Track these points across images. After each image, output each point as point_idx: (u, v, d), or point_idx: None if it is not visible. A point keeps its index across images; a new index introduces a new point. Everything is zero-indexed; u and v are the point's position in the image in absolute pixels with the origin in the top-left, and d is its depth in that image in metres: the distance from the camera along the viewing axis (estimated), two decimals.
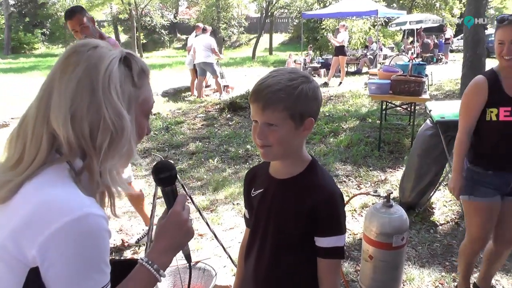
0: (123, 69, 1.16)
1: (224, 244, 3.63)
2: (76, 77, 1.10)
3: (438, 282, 3.64)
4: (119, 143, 1.13)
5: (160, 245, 1.29)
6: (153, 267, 1.23)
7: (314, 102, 1.51)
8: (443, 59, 22.46)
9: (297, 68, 1.58)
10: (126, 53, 1.21)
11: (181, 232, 1.32)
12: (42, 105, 1.12)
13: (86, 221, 1.02)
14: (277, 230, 1.60)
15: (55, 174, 1.09)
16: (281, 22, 44.06)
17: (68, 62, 1.13)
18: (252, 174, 1.82)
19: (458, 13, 26.03)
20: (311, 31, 24.42)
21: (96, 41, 1.19)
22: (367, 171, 6.23)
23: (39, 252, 0.99)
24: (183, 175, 6.35)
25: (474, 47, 9.69)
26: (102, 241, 1.06)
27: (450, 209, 4.91)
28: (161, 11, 42.29)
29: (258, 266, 1.68)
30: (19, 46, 39.62)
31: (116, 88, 1.12)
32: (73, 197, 1.06)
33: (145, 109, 1.25)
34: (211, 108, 10.64)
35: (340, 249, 1.54)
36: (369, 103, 10.73)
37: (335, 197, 1.54)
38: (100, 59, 1.13)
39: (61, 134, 1.08)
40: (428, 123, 4.74)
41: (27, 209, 1.02)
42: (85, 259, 1.03)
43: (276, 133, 1.47)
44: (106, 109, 1.09)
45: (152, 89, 1.30)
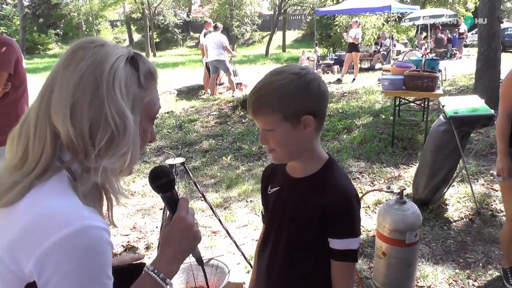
0: (129, 69, 1.11)
1: (237, 241, 3.64)
2: (79, 72, 1.05)
3: (452, 279, 3.62)
4: (120, 143, 1.06)
5: (167, 253, 1.24)
6: (159, 276, 1.18)
7: (306, 98, 1.43)
8: (457, 54, 22.24)
9: (290, 66, 1.52)
10: (133, 52, 1.16)
11: (188, 238, 1.27)
12: (44, 101, 1.07)
13: (86, 233, 0.97)
14: (291, 229, 1.58)
15: (56, 185, 1.03)
16: (294, 19, 43.95)
17: (72, 57, 1.08)
18: (270, 171, 1.78)
19: (472, 7, 25.72)
20: (324, 27, 24.27)
21: (103, 40, 1.15)
22: (381, 167, 6.21)
23: (36, 266, 0.94)
24: (196, 172, 6.38)
25: (489, 41, 9.56)
26: (103, 254, 1.00)
27: (464, 206, 4.88)
28: (174, 10, 42.43)
29: (271, 265, 1.67)
30: (34, 47, 40.04)
31: (121, 87, 1.07)
32: (73, 208, 1.00)
33: (150, 112, 1.19)
34: (224, 105, 10.65)
35: (353, 252, 1.50)
36: (382, 99, 10.68)
37: (350, 198, 1.48)
38: (106, 56, 1.08)
39: (61, 130, 1.04)
40: (442, 119, 4.70)
41: (25, 220, 0.97)
42: (85, 273, 0.97)
43: (275, 137, 1.45)
44: (108, 107, 1.04)
45: (165, 87, 1.25)
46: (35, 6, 43.10)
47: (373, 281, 3.46)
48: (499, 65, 9.74)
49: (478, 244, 4.12)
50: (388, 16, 19.86)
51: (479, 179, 5.60)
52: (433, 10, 21.51)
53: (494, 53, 9.61)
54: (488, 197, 5.05)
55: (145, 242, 4.43)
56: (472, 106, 4.72)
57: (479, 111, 4.59)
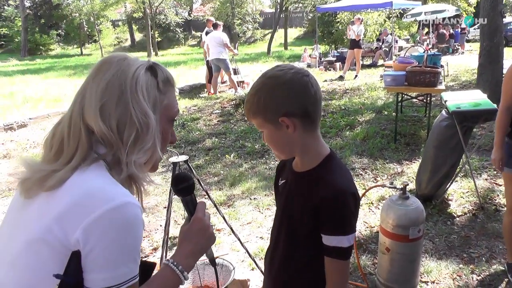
0: (149, 76, 1.27)
1: (241, 239, 3.65)
2: (106, 79, 1.22)
3: (456, 274, 3.62)
4: (144, 139, 1.22)
5: (185, 249, 1.37)
6: (178, 268, 1.30)
7: (279, 100, 1.45)
8: (459, 50, 22.19)
9: (276, 68, 1.52)
10: (152, 62, 1.32)
11: (204, 237, 1.40)
12: (77, 105, 1.23)
13: (126, 209, 1.11)
14: (290, 223, 1.62)
15: (96, 170, 1.17)
16: (295, 16, 43.93)
17: (99, 68, 1.25)
18: (282, 163, 1.81)
19: (474, 2, 25.62)
20: (326, 24, 24.26)
21: (125, 54, 1.31)
22: (384, 163, 6.21)
23: (82, 235, 1.06)
24: (199, 171, 6.39)
25: (491, 36, 9.52)
26: (138, 230, 1.14)
27: (467, 201, 4.88)
28: (175, 9, 42.46)
29: (273, 258, 1.72)
30: (35, 48, 40.13)
31: (142, 90, 1.23)
32: (114, 187, 1.15)
33: (169, 114, 1.34)
34: (226, 104, 10.66)
35: (343, 250, 1.47)
36: (384, 96, 10.67)
37: (343, 195, 1.45)
38: (128, 66, 1.24)
39: (93, 126, 1.19)
40: (444, 114, 4.70)
41: (73, 197, 1.11)
42: (123, 246, 1.11)
43: (267, 138, 1.55)
44: (133, 108, 1.20)
45: None
46: (37, 7, 43.21)
47: (377, 277, 3.46)
48: (501, 59, 9.71)
49: (482, 239, 4.13)
50: (390, 12, 19.81)
51: (483, 174, 5.59)
52: (434, 6, 21.42)
53: (496, 47, 9.57)
54: (491, 192, 5.05)
55: (149, 240, 4.45)
56: (474, 101, 4.71)
57: (482, 105, 4.59)
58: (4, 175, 6.44)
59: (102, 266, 1.08)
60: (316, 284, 1.59)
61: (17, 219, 1.21)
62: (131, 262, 1.13)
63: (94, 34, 41.37)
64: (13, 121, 9.57)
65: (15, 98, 13.15)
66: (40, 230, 1.10)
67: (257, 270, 3.68)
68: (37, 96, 13.06)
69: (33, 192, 1.17)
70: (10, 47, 40.75)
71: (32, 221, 1.14)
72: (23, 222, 1.17)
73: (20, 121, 9.61)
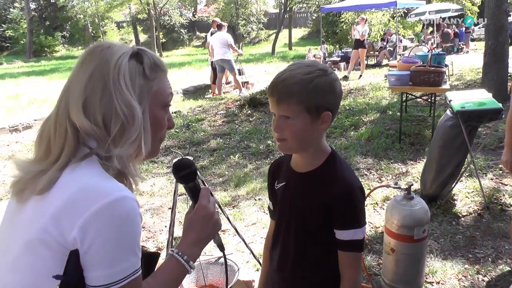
0: (134, 63, 1.22)
1: (246, 239, 3.65)
2: (88, 72, 1.18)
3: (461, 274, 3.61)
4: (130, 131, 1.17)
5: (189, 238, 1.34)
6: (183, 258, 1.29)
7: (331, 95, 1.49)
8: (464, 49, 22.12)
9: (316, 61, 1.56)
10: (137, 48, 1.27)
11: (209, 225, 1.37)
12: (62, 102, 1.21)
13: (123, 203, 1.08)
14: (300, 224, 1.62)
15: (89, 166, 1.15)
16: (300, 16, 43.93)
17: (83, 61, 1.22)
18: (276, 166, 1.82)
19: (478, 0, 25.53)
20: (330, 24, 24.24)
21: (110, 42, 1.26)
22: (388, 163, 6.20)
23: (79, 233, 1.04)
24: (204, 171, 6.40)
25: (497, 35, 9.48)
26: (136, 224, 1.12)
27: (473, 201, 4.86)
28: (179, 10, 42.55)
29: (283, 260, 1.70)
30: (41, 49, 40.29)
31: (125, 80, 1.18)
32: (109, 182, 1.13)
33: (161, 100, 1.28)
34: (231, 104, 10.67)
35: (358, 242, 1.53)
36: (389, 96, 10.65)
37: (353, 189, 1.52)
38: (111, 55, 1.20)
39: (77, 122, 1.16)
40: (449, 114, 4.69)
41: (67, 195, 1.08)
42: (122, 241, 1.09)
43: (292, 126, 1.48)
44: (116, 99, 1.16)
45: (172, 87, 1.34)
46: (42, 9, 43.42)
47: (382, 278, 3.46)
48: (507, 58, 9.67)
49: (488, 239, 4.11)
50: (394, 12, 19.78)
51: (488, 174, 5.57)
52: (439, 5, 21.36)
53: (501, 46, 9.53)
54: (497, 192, 5.03)
55: (154, 241, 4.46)
56: (479, 100, 4.69)
57: (487, 105, 4.57)
58: (10, 176, 6.47)
59: (102, 263, 1.07)
60: (331, 280, 1.62)
61: (15, 220, 1.19)
62: (131, 256, 1.11)
63: (98, 36, 41.52)
64: (18, 123, 9.63)
65: (20, 99, 13.21)
66: (37, 231, 1.08)
67: None
68: (42, 98, 13.10)
69: (25, 196, 1.16)
70: (15, 49, 40.97)
71: (29, 222, 1.12)
72: (20, 223, 1.16)
73: (25, 123, 9.66)
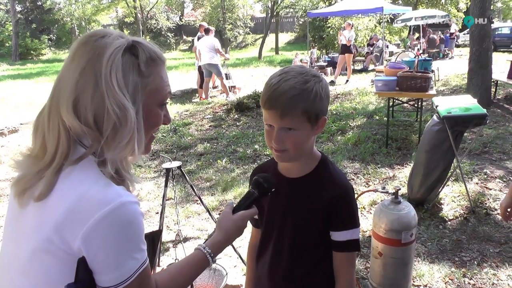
0: (128, 58, 1.16)
1: (234, 244, 3.65)
2: (80, 67, 1.12)
3: (448, 277, 3.64)
4: (122, 133, 1.13)
5: (221, 240, 1.42)
6: (211, 255, 1.37)
7: (326, 101, 1.50)
8: (449, 54, 22.35)
9: (304, 66, 1.55)
10: (132, 41, 1.20)
11: (236, 235, 1.45)
12: (55, 96, 1.16)
13: (124, 209, 1.08)
14: (294, 230, 1.59)
15: (86, 169, 1.13)
16: (286, 21, 44.09)
17: (75, 52, 1.16)
18: (260, 172, 1.72)
19: (464, 7, 25.85)
20: (316, 29, 24.38)
21: (105, 31, 1.19)
22: (375, 168, 6.23)
23: (84, 243, 1.05)
24: (191, 176, 6.38)
25: (481, 41, 9.63)
26: (139, 225, 1.13)
27: (459, 205, 4.91)
28: (166, 14, 42.45)
29: (274, 267, 1.67)
30: (27, 52, 39.88)
31: (118, 78, 1.12)
32: (108, 188, 1.11)
33: (157, 98, 1.24)
34: (218, 109, 10.66)
35: (356, 242, 1.56)
36: (376, 100, 10.72)
37: (348, 191, 1.56)
38: (105, 48, 1.13)
39: (66, 122, 1.12)
40: (435, 119, 4.74)
41: (67, 204, 1.07)
42: (126, 243, 1.10)
43: (293, 137, 1.45)
44: (108, 99, 1.10)
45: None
46: (28, 11, 43.03)
47: (370, 281, 3.47)
48: (490, 64, 9.82)
49: (473, 243, 4.15)
50: (381, 17, 19.93)
51: (473, 178, 5.63)
52: (425, 11, 21.59)
53: (485, 53, 9.69)
54: (482, 196, 5.08)
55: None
56: (465, 106, 4.75)
57: (472, 110, 4.62)
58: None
59: (110, 267, 1.09)
60: (325, 285, 1.63)
61: (18, 224, 1.19)
62: (137, 253, 1.13)
63: None
64: (3, 127, 9.50)
65: (6, 103, 13.09)
66: (41, 241, 1.08)
67: None
68: (29, 101, 12.99)
69: (25, 200, 1.15)
70: (1, 51, 40.54)
71: (31, 230, 1.12)
72: (24, 229, 1.15)
73: (11, 127, 9.55)
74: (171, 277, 1.29)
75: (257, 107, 10.31)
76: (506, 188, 5.30)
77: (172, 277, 1.29)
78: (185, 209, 5.16)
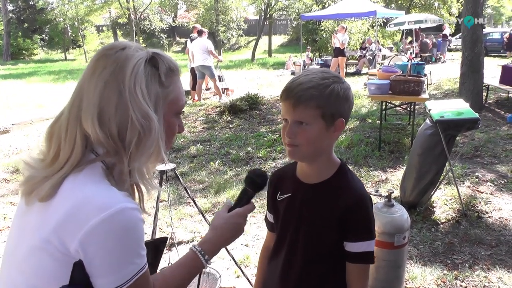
0: (149, 70, 1.19)
1: (227, 246, 3.65)
2: (103, 79, 1.15)
3: (440, 280, 3.66)
4: (146, 143, 1.17)
5: (216, 240, 1.40)
6: (205, 257, 1.35)
7: (345, 103, 1.48)
8: (441, 59, 22.48)
9: (328, 69, 1.57)
10: (152, 53, 1.23)
11: (235, 235, 1.43)
12: (75, 107, 1.18)
13: (122, 215, 1.09)
14: (308, 236, 1.57)
15: (91, 174, 1.14)
16: (280, 24, 44.13)
17: (96, 64, 1.18)
18: (278, 176, 1.76)
19: (456, 12, 26.03)
20: (310, 32, 24.45)
21: (124, 43, 1.23)
22: (368, 171, 6.26)
23: (81, 246, 1.06)
24: (184, 178, 6.37)
25: (473, 46, 9.73)
26: (138, 231, 1.13)
27: (451, 208, 4.94)
28: (160, 15, 42.39)
29: (286, 273, 1.64)
30: (18, 52, 39.70)
31: (142, 89, 1.15)
32: (108, 193, 1.12)
33: (175, 108, 1.27)
34: (211, 111, 10.66)
35: (370, 254, 1.52)
36: (368, 104, 10.76)
37: (366, 200, 1.51)
38: (126, 61, 1.16)
39: (90, 133, 1.14)
40: (428, 123, 4.76)
41: (68, 206, 1.09)
42: (124, 249, 1.10)
43: (306, 132, 1.45)
44: (133, 110, 1.13)
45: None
46: (20, 11, 42.81)
47: None
48: (482, 69, 9.91)
49: (465, 245, 4.18)
50: (374, 21, 20.01)
51: (465, 181, 5.67)
52: (418, 15, 21.70)
53: (477, 57, 9.79)
54: (473, 199, 5.12)
55: None
56: (457, 110, 4.78)
57: (465, 114, 4.66)
58: None
59: (107, 272, 1.09)
60: None
61: (23, 221, 1.21)
62: (136, 258, 1.13)
63: (78, 39, 41.12)
64: None
65: None
66: (40, 240, 1.10)
67: (243, 278, 3.68)
68: (21, 102, 12.92)
69: (31, 199, 1.17)
70: None
71: (33, 228, 1.13)
72: (27, 227, 1.17)
73: (2, 127, 9.50)
74: (165, 281, 1.29)
75: (250, 109, 10.33)
76: (497, 191, 5.34)
77: (165, 280, 1.29)
78: (177, 211, 5.15)
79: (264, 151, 7.38)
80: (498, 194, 5.28)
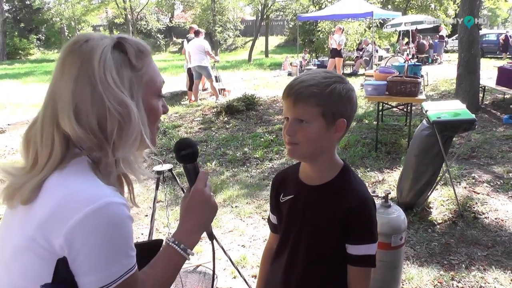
0: (117, 56, 1.16)
1: (223, 247, 3.65)
2: (72, 76, 1.12)
3: (437, 281, 3.67)
4: (128, 131, 1.14)
5: (187, 225, 1.32)
6: (180, 246, 1.26)
7: (347, 103, 1.48)
8: (438, 60, 22.52)
9: (331, 70, 1.58)
10: (117, 38, 1.20)
11: (206, 210, 1.34)
12: (48, 111, 1.15)
13: (108, 209, 1.05)
14: (310, 237, 1.56)
15: (76, 168, 1.12)
16: (276, 24, 44.09)
17: (64, 63, 1.15)
18: (281, 178, 1.76)
19: (452, 13, 26.09)
20: (306, 33, 24.44)
21: (87, 35, 1.19)
22: (365, 172, 6.26)
23: (65, 242, 1.02)
24: (181, 178, 6.35)
25: (469, 48, 9.75)
26: (124, 227, 1.08)
27: (448, 208, 4.95)
28: (156, 15, 42.29)
29: (288, 274, 1.64)
30: (15, 52, 39.48)
31: (113, 77, 1.12)
32: (94, 188, 1.09)
33: (153, 90, 1.25)
34: (208, 111, 10.65)
35: (372, 258, 1.51)
36: (365, 105, 10.77)
37: (369, 203, 1.50)
38: (92, 52, 1.13)
39: (69, 133, 1.11)
40: (425, 124, 4.77)
41: (52, 202, 1.06)
42: (111, 246, 1.06)
43: (306, 130, 1.44)
44: (108, 100, 1.10)
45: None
46: (16, 10, 42.63)
47: None
48: (478, 70, 9.94)
49: (462, 246, 4.19)
50: (370, 22, 20.05)
51: (462, 182, 5.68)
52: (414, 17, 21.76)
53: (474, 59, 9.81)
54: (470, 200, 5.13)
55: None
56: (454, 111, 4.79)
57: (461, 115, 4.67)
58: None
59: (92, 269, 1.05)
60: None
61: (9, 222, 1.18)
62: (123, 258, 1.08)
63: None
64: None
65: None
66: (25, 238, 1.07)
67: (240, 278, 3.67)
68: (16, 102, 12.87)
69: (14, 203, 1.14)
70: None
71: (18, 227, 1.10)
72: (13, 226, 1.14)
73: None
74: (150, 281, 1.21)
75: (247, 109, 10.32)
76: (494, 192, 5.36)
77: (150, 280, 1.21)
78: (174, 211, 5.14)
79: (261, 152, 7.38)
80: (494, 195, 5.30)
